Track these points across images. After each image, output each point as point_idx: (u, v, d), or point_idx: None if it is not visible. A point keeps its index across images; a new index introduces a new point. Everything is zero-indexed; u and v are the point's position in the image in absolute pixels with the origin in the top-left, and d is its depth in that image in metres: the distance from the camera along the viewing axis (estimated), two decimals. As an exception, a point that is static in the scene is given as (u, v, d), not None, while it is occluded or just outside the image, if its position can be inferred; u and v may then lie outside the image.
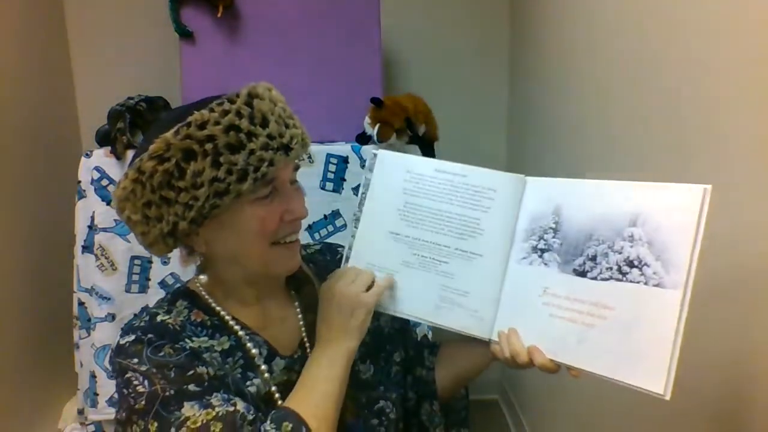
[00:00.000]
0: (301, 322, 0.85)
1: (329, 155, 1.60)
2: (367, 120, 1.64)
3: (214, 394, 0.68)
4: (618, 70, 1.20)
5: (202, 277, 0.79)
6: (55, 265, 1.83)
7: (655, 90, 1.03)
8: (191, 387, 0.68)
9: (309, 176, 1.58)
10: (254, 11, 1.66)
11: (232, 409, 0.67)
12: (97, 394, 1.58)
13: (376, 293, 0.79)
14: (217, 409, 0.66)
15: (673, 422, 0.97)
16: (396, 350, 0.94)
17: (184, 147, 0.68)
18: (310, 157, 1.58)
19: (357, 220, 0.85)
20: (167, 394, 0.67)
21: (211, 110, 0.70)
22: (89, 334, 1.59)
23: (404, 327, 0.98)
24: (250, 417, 0.68)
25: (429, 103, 1.74)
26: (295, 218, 0.77)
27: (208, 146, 0.68)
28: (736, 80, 0.79)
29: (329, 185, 1.61)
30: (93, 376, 1.58)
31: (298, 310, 0.86)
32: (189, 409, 0.66)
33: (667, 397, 0.62)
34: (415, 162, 0.85)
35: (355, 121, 1.67)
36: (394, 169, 0.84)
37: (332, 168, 1.61)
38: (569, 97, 1.54)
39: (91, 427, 1.63)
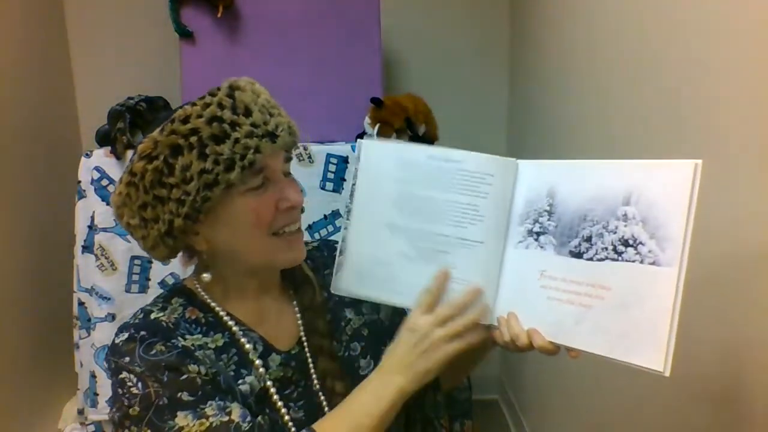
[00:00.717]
0: (300, 321, 0.85)
1: (329, 155, 1.60)
2: (367, 120, 1.64)
3: (209, 402, 0.68)
4: (618, 70, 1.20)
5: (206, 276, 0.78)
6: (55, 265, 1.83)
7: (655, 90, 1.03)
8: (184, 396, 0.68)
9: (309, 176, 1.58)
10: (254, 11, 1.66)
11: (226, 419, 0.67)
12: (97, 394, 1.58)
13: (459, 346, 0.73)
14: (211, 419, 0.66)
15: (673, 421, 0.97)
16: None
17: (170, 143, 0.69)
18: (310, 157, 1.59)
19: (349, 211, 0.85)
20: (161, 402, 0.67)
21: (193, 105, 0.71)
22: (89, 334, 1.59)
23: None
24: (246, 427, 0.67)
25: (429, 103, 1.74)
26: (291, 206, 0.76)
27: (193, 139, 0.69)
28: (736, 80, 0.79)
29: (329, 185, 1.61)
30: (93, 376, 1.58)
31: (297, 309, 0.86)
32: (182, 419, 0.66)
33: (667, 374, 0.62)
34: (405, 149, 0.83)
35: (355, 121, 1.67)
36: (384, 159, 0.82)
37: (332, 168, 1.61)
38: (569, 97, 1.54)
39: (91, 427, 1.63)
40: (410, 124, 1.64)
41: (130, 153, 1.53)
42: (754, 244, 0.76)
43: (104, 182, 1.55)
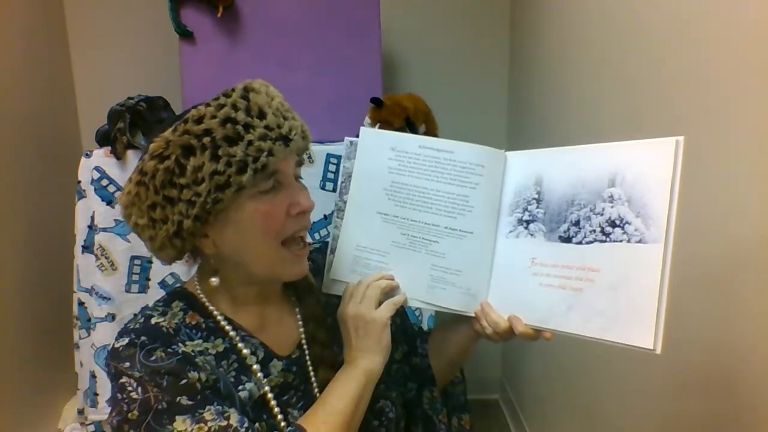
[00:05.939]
0: (302, 330, 0.85)
1: (329, 155, 1.60)
2: (367, 120, 1.64)
3: (207, 407, 0.68)
4: (618, 69, 1.20)
5: (214, 280, 0.77)
6: (55, 265, 1.83)
7: (654, 89, 1.03)
8: (184, 400, 0.67)
9: (309, 176, 1.57)
10: (254, 11, 1.66)
11: (224, 423, 0.67)
12: (97, 394, 1.58)
13: (388, 308, 0.79)
14: (209, 424, 0.66)
15: (674, 420, 0.97)
16: (397, 348, 0.94)
17: (183, 143, 0.68)
18: (310, 157, 1.58)
19: (339, 210, 0.85)
20: (160, 407, 0.66)
21: (207, 105, 0.70)
22: (89, 334, 1.59)
23: (404, 322, 0.98)
24: (243, 431, 0.68)
25: (429, 103, 1.74)
26: (302, 210, 0.76)
27: (206, 140, 0.68)
28: (736, 80, 0.79)
29: (329, 185, 1.61)
30: (93, 376, 1.59)
31: (299, 317, 0.86)
32: (181, 424, 0.66)
33: (658, 351, 0.62)
34: (398, 139, 0.83)
35: (355, 121, 1.67)
36: (379, 148, 0.83)
37: (332, 168, 1.61)
38: (570, 97, 1.54)
39: (91, 427, 1.63)
40: (410, 124, 1.64)
41: (130, 153, 1.53)
42: (749, 237, 0.76)
43: (104, 182, 1.55)
